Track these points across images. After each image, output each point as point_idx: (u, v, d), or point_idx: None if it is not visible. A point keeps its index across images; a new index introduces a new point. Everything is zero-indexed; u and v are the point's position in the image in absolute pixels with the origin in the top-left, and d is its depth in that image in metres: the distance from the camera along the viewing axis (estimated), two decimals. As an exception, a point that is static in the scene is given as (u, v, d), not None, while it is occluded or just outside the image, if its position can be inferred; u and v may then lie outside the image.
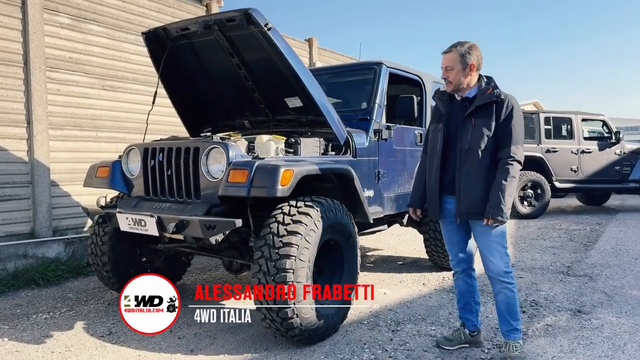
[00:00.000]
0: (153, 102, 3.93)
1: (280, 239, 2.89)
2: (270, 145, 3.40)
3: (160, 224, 3.08)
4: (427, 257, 5.12)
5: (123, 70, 5.39)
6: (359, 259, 3.50)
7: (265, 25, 3.25)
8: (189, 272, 4.85)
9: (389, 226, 4.93)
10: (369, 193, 4.04)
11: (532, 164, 9.29)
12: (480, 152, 2.66)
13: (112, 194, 4.06)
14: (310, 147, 3.59)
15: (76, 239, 4.88)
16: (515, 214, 9.09)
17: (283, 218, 2.98)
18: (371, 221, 3.73)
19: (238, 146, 3.21)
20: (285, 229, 2.92)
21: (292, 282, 2.85)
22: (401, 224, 4.93)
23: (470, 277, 3.00)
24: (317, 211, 3.05)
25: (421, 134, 4.74)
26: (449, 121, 2.82)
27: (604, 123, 10.20)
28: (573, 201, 12.40)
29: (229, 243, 3.49)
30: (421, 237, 5.04)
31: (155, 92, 3.93)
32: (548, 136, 9.63)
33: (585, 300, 3.99)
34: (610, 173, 9.76)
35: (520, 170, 2.71)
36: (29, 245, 4.52)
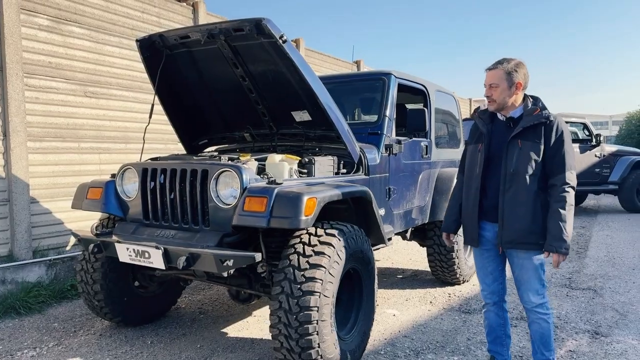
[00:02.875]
0: (150, 116, 3.61)
1: (302, 272, 2.65)
2: (284, 166, 3.14)
3: (167, 257, 2.80)
4: (426, 270, 4.98)
5: (106, 75, 5.00)
6: (376, 286, 3.29)
7: (281, 37, 2.99)
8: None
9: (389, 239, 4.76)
10: (381, 212, 3.83)
11: None
12: (527, 177, 2.49)
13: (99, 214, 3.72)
14: (325, 166, 3.36)
15: (58, 259, 4.49)
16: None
17: (304, 249, 2.74)
18: (387, 243, 3.53)
19: (251, 168, 2.95)
20: (307, 262, 2.68)
21: (317, 320, 2.62)
22: (404, 238, 4.76)
23: (502, 309, 2.84)
24: (340, 240, 2.82)
25: (427, 147, 4.56)
26: (491, 142, 2.64)
27: (585, 126, 10.30)
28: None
29: (237, 271, 3.23)
30: (414, 245, 4.87)
31: (152, 105, 3.60)
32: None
33: (600, 320, 3.90)
34: (590, 175, 9.88)
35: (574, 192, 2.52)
36: (7, 270, 4.11)
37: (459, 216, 2.86)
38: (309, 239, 2.79)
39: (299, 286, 2.63)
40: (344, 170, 3.58)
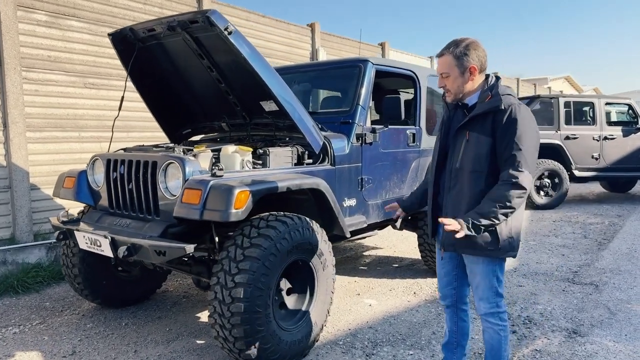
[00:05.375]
0: (120, 108, 3.74)
1: (236, 264, 2.69)
2: (236, 158, 3.17)
3: (114, 246, 2.92)
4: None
5: (106, 66, 5.20)
6: (333, 277, 3.27)
7: (226, 29, 2.99)
8: (172, 275, 4.75)
9: (380, 229, 4.69)
10: (351, 202, 3.79)
11: (550, 151, 8.83)
12: (472, 175, 2.22)
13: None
14: (281, 157, 3.35)
15: (58, 243, 4.78)
16: (531, 205, 8.69)
17: (242, 241, 2.77)
18: (348, 235, 3.49)
19: (197, 161, 3.00)
20: (243, 254, 2.71)
21: (249, 312, 2.65)
22: (394, 227, 4.68)
23: (456, 315, 2.60)
24: (279, 232, 2.83)
25: (414, 134, 4.43)
26: (448, 131, 2.38)
27: (630, 107, 9.58)
28: (597, 187, 11.85)
29: (193, 259, 3.32)
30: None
31: (122, 97, 3.72)
32: (568, 122, 9.10)
33: (584, 318, 3.69)
34: (636, 160, 9.19)
35: (521, 197, 2.13)
36: (8, 251, 4.44)
37: (418, 199, 2.68)
38: (250, 231, 2.82)
39: (232, 278, 2.67)
40: (310, 161, 3.56)
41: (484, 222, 2.14)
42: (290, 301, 3.16)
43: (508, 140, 2.12)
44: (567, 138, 8.97)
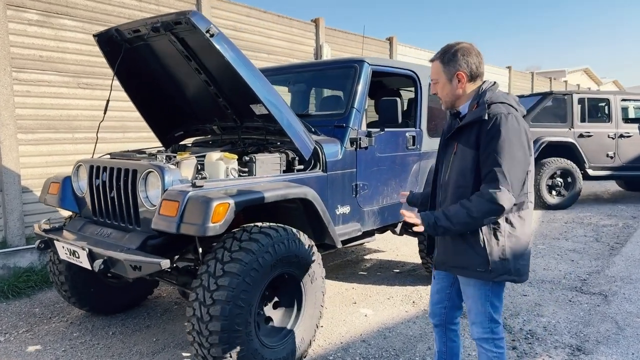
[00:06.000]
0: (105, 111, 3.62)
1: (215, 280, 2.56)
2: (220, 166, 3.04)
3: (92, 258, 2.81)
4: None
5: (101, 66, 5.08)
6: (322, 290, 3.13)
7: (207, 31, 2.84)
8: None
9: (380, 233, 4.52)
10: (344, 210, 3.63)
11: (563, 150, 8.56)
12: (456, 190, 2.08)
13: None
14: (269, 164, 3.20)
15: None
16: (542, 205, 8.44)
17: (222, 254, 2.64)
18: (339, 246, 3.34)
19: (177, 170, 2.87)
20: (223, 269, 2.59)
21: (228, 330, 2.52)
22: (394, 233, 4.51)
23: (445, 336, 2.45)
24: (262, 246, 2.69)
25: (414, 137, 4.25)
26: (445, 141, 2.26)
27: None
28: (612, 185, 11.52)
29: (177, 270, 3.21)
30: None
31: (108, 100, 3.60)
32: (582, 119, 8.80)
33: (590, 333, 3.50)
34: None
35: (492, 216, 1.96)
36: (-2, 255, 4.38)
37: (423, 201, 2.49)
38: (232, 244, 2.69)
39: (210, 294, 2.55)
40: (301, 167, 3.41)
41: (443, 223, 2.00)
42: (277, 316, 3.03)
43: (489, 154, 1.95)
44: (581, 136, 8.68)
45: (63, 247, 3.02)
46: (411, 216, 2.02)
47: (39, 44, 4.64)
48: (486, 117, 1.97)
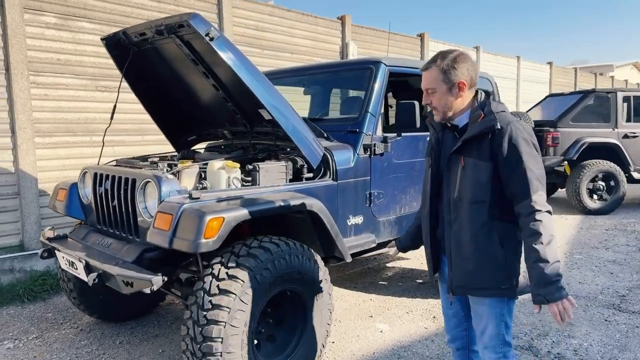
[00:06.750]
0: (112, 117, 3.54)
1: (210, 298, 2.43)
2: (221, 175, 2.89)
3: (88, 270, 2.72)
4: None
5: (119, 68, 5.05)
6: (329, 307, 2.95)
7: (207, 34, 2.70)
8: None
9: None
10: (356, 220, 3.44)
11: (606, 151, 8.05)
12: (473, 206, 1.95)
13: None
14: (273, 173, 3.04)
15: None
16: (582, 210, 7.96)
17: (219, 270, 2.50)
18: (348, 260, 3.14)
19: (175, 179, 2.74)
20: (218, 287, 2.44)
21: (221, 352, 2.38)
22: (388, 255, 4.27)
23: (467, 358, 2.31)
24: (261, 262, 2.53)
25: (435, 141, 4.00)
26: (440, 156, 2.11)
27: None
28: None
29: (180, 282, 3.10)
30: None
31: (115, 105, 3.53)
32: (627, 119, 8.26)
33: (627, 359, 3.18)
34: None
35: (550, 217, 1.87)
36: (15, 259, 4.40)
37: (414, 239, 2.39)
38: (229, 258, 2.55)
39: (205, 313, 2.41)
40: (310, 175, 3.24)
41: (556, 279, 1.80)
42: (280, 334, 2.87)
43: (514, 163, 1.87)
44: (626, 137, 8.14)
45: (63, 257, 2.95)
46: (555, 312, 1.79)
47: (57, 47, 4.64)
48: (499, 127, 1.88)
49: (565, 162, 8.02)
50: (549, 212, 1.85)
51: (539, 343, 3.45)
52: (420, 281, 4.90)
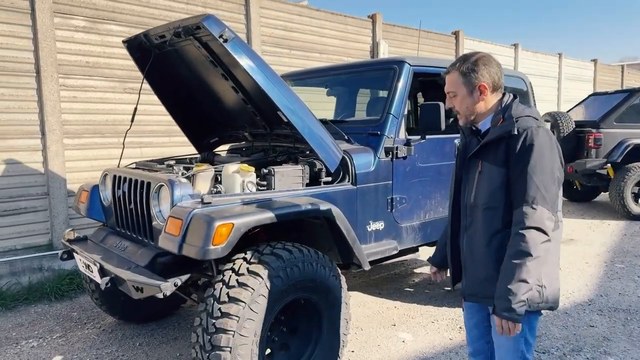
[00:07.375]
0: (132, 119, 3.55)
1: (219, 306, 2.37)
2: (235, 179, 2.84)
3: (103, 274, 2.72)
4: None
5: (147, 70, 5.10)
6: (346, 317, 2.85)
7: (221, 36, 2.65)
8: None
9: (430, 246, 4.13)
10: (377, 226, 3.32)
11: None
12: (487, 211, 1.88)
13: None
14: (289, 177, 2.96)
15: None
16: (627, 215, 7.54)
17: (230, 277, 2.44)
18: (366, 267, 3.03)
19: (188, 183, 2.70)
20: (228, 294, 2.38)
21: (230, 362, 2.32)
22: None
23: None
24: (272, 269, 2.46)
25: (463, 144, 3.82)
26: (463, 160, 2.04)
27: None
28: None
29: (195, 286, 3.06)
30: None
31: (135, 108, 3.54)
32: (676, 118, 7.77)
33: (669, 382, 2.94)
34: None
35: (546, 242, 1.73)
36: (44, 258, 4.50)
37: (443, 252, 2.27)
38: (240, 266, 2.48)
39: (214, 321, 2.36)
40: (329, 179, 3.14)
41: (515, 302, 1.73)
42: (294, 342, 2.79)
43: (521, 170, 1.78)
44: (674, 138, 7.65)
45: (80, 259, 2.97)
46: (499, 326, 1.78)
47: (86, 50, 4.71)
48: (515, 132, 1.81)
49: (609, 165, 7.63)
50: (538, 229, 1.72)
51: (572, 359, 3.24)
52: (449, 289, 4.72)
